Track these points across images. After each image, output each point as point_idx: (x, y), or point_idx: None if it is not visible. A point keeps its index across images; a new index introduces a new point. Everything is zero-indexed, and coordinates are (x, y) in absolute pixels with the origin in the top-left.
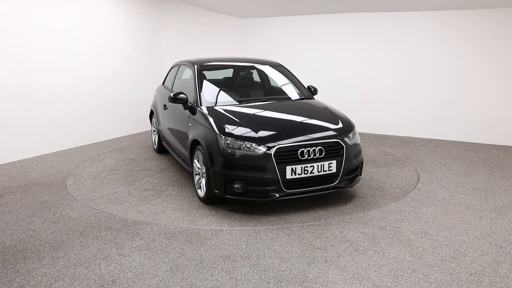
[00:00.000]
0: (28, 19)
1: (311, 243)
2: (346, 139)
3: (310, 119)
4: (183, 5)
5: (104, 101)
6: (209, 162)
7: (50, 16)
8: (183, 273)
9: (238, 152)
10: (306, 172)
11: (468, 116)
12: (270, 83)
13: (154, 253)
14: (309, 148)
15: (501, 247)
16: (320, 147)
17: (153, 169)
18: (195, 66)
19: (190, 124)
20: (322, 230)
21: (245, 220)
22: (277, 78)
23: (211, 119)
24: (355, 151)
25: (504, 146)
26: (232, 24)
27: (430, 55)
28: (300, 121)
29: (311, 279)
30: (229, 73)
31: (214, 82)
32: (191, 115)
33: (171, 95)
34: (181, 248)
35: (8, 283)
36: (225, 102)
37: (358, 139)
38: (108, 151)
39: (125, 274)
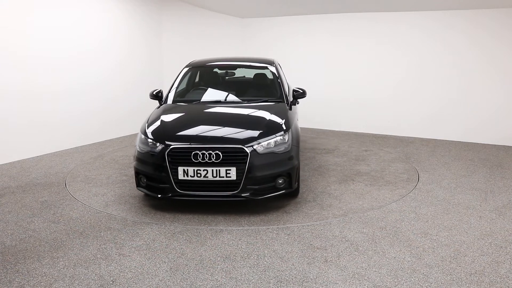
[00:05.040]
0: (28, 19)
1: (311, 243)
2: (256, 146)
3: (230, 123)
4: (183, 5)
5: (104, 101)
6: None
7: (50, 16)
8: (183, 273)
9: (145, 148)
10: (199, 175)
11: (468, 116)
12: (244, 85)
13: (154, 253)
14: (204, 152)
15: (501, 247)
16: (217, 152)
17: None
18: (187, 65)
19: None
20: (322, 230)
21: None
22: (257, 80)
23: (149, 116)
24: (270, 160)
25: (504, 146)
26: (232, 24)
27: (430, 55)
28: (215, 125)
29: (311, 279)
30: (217, 73)
31: (194, 81)
32: None
33: (153, 92)
34: (181, 248)
35: (8, 283)
36: (181, 101)
37: (284, 148)
38: None
39: (125, 274)
